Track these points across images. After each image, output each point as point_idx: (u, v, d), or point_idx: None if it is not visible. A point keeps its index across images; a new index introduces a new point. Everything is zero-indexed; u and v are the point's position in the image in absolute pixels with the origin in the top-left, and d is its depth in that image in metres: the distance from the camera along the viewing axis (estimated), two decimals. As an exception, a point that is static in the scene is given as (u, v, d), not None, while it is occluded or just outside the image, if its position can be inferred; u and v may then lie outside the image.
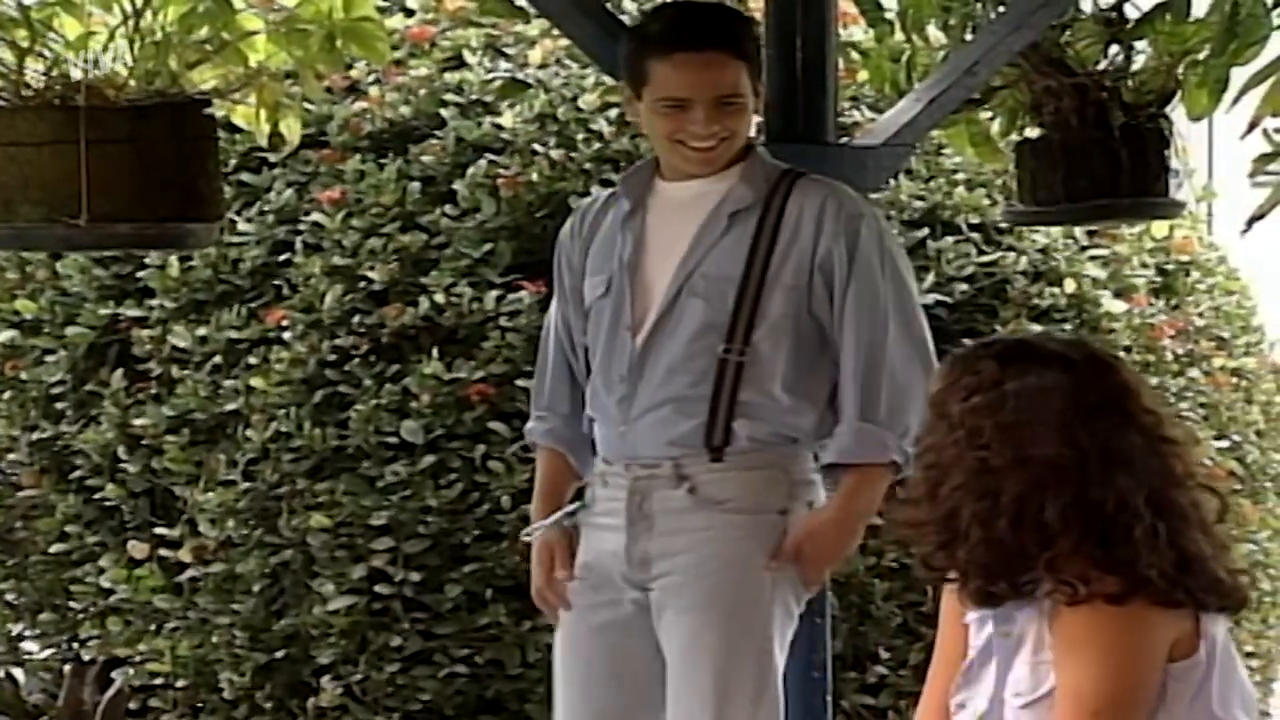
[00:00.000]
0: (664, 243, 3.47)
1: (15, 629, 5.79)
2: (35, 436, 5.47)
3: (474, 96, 5.45)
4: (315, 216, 5.26)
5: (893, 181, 5.30)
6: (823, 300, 3.45)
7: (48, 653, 5.80)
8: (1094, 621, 2.73)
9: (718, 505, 3.44)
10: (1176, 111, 4.69)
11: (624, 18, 4.82)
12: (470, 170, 5.25)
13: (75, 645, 5.63)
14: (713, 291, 3.42)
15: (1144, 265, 5.83)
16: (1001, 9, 4.54)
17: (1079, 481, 2.76)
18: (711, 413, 3.43)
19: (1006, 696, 2.82)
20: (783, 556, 3.43)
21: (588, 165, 5.26)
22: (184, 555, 5.24)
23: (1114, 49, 4.67)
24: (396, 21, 5.60)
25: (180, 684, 5.36)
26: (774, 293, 3.42)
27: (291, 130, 4.07)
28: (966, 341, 5.02)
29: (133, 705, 5.51)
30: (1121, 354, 5.59)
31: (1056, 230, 5.53)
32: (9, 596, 5.72)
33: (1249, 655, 5.87)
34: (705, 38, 3.38)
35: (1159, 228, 5.76)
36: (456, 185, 5.24)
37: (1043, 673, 2.79)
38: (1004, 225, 5.42)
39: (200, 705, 5.38)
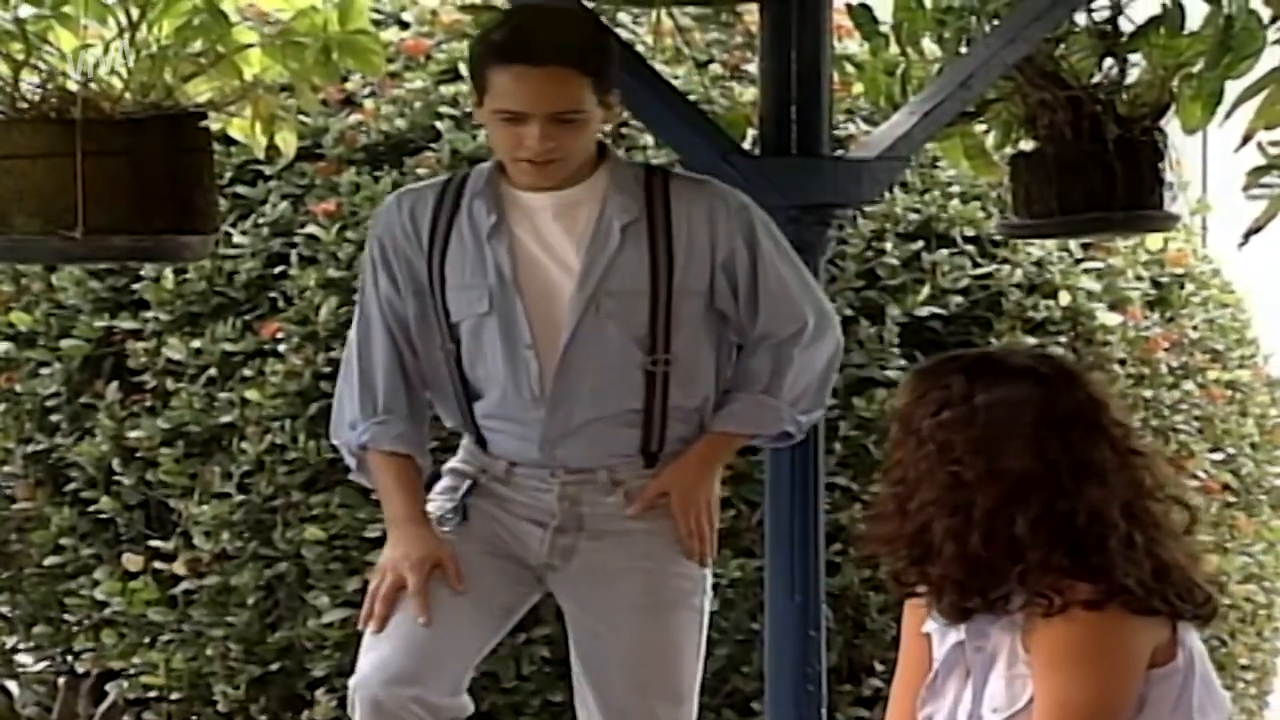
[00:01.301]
0: (544, 257, 3.40)
1: (10, 642, 5.78)
2: (30, 449, 5.47)
3: (469, 109, 5.45)
4: (310, 229, 5.26)
5: (888, 194, 5.31)
6: (725, 294, 3.43)
7: (42, 665, 5.80)
8: (1072, 630, 2.74)
9: (651, 507, 3.44)
10: (1171, 125, 4.70)
11: (618, 30, 4.83)
12: (465, 182, 5.25)
13: (69, 658, 5.63)
14: (623, 308, 3.38)
15: (1138, 278, 5.83)
16: (996, 22, 4.55)
17: (1048, 494, 2.77)
18: (646, 424, 3.43)
19: (984, 712, 2.83)
20: (646, 501, 3.42)
21: (582, 178, 5.26)
22: (178, 568, 5.24)
23: (1108, 62, 4.68)
24: (392, 34, 5.60)
25: (174, 697, 5.36)
26: (683, 299, 3.40)
27: (287, 143, 4.07)
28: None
29: (127, 718, 5.51)
30: (1116, 367, 5.60)
31: (1051, 243, 5.53)
32: (3, 609, 5.72)
33: (1244, 668, 5.87)
34: (545, 51, 3.28)
35: (1153, 240, 5.77)
36: (451, 197, 5.24)
37: (1019, 686, 2.79)
38: (999, 238, 5.43)
39: (194, 718, 5.37)
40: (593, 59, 3.33)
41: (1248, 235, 4.15)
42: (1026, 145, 4.77)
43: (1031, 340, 5.39)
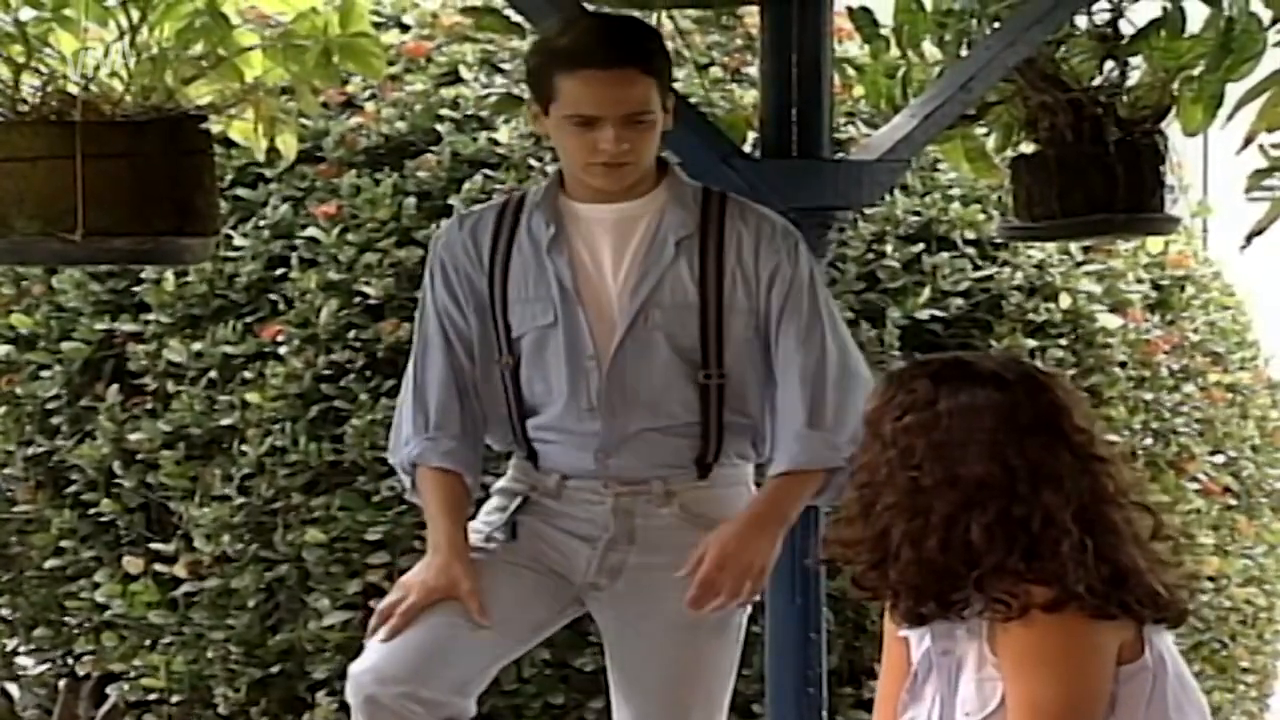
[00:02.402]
0: (598, 268, 3.42)
1: (10, 644, 5.78)
2: (30, 451, 5.47)
3: (470, 112, 5.46)
4: (311, 231, 5.26)
5: (888, 197, 5.31)
6: (764, 315, 3.45)
7: (43, 668, 5.79)
8: (1034, 634, 2.75)
9: (705, 523, 3.44)
10: (1171, 127, 4.70)
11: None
12: (466, 185, 5.25)
13: (70, 660, 5.63)
14: (673, 320, 3.40)
15: (1139, 280, 5.83)
16: (996, 25, 4.55)
17: (1004, 499, 2.78)
18: (704, 436, 3.44)
19: (957, 716, 2.83)
20: (706, 572, 3.34)
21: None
22: (179, 570, 5.24)
23: (1109, 65, 4.68)
24: (392, 37, 5.61)
25: (175, 699, 5.36)
26: (734, 316, 3.42)
27: (287, 145, 4.07)
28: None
29: None
30: (1117, 369, 5.60)
31: (1052, 245, 5.53)
32: (4, 612, 5.72)
33: (1245, 671, 5.87)
34: (615, 54, 3.32)
35: (1154, 243, 5.77)
36: (452, 200, 5.24)
37: (989, 690, 2.80)
38: (999, 240, 5.42)
39: (195, 720, 5.38)
40: (656, 61, 3.38)
41: (1250, 238, 4.16)
42: (1027, 148, 4.77)
43: (1032, 343, 5.40)
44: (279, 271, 5.28)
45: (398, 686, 3.29)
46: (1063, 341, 5.49)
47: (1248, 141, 4.22)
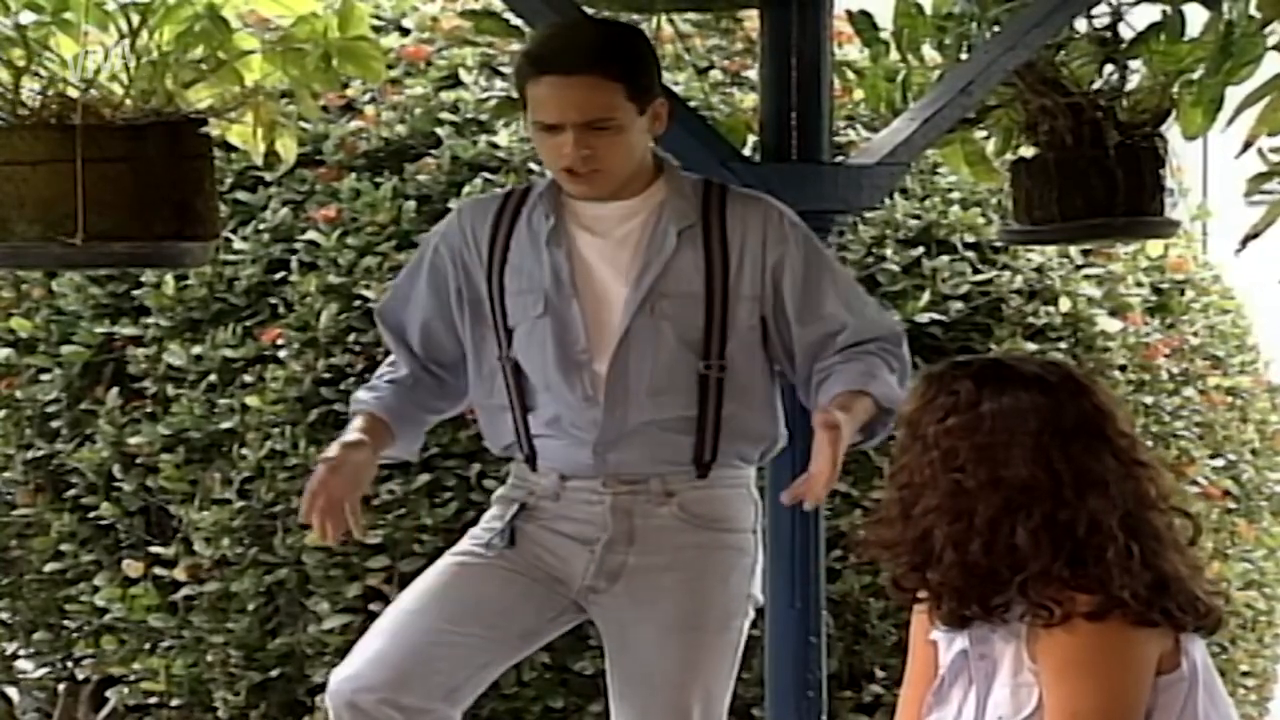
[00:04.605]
0: (601, 263, 3.42)
1: (10, 648, 5.78)
2: (30, 455, 5.47)
3: (469, 115, 5.46)
4: (311, 235, 5.27)
5: (888, 200, 5.31)
6: (771, 302, 3.43)
7: (42, 671, 5.80)
8: (1076, 642, 2.74)
9: (704, 523, 3.44)
10: (1171, 131, 4.70)
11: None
12: (466, 189, 5.25)
13: (70, 664, 5.63)
14: (678, 310, 3.39)
15: (1139, 284, 5.83)
16: (996, 28, 4.55)
17: (1050, 503, 2.77)
18: (700, 430, 3.43)
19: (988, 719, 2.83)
20: (813, 486, 3.18)
21: (583, 184, 5.26)
22: (179, 574, 5.24)
23: (1109, 68, 4.69)
24: (392, 40, 5.61)
25: (175, 703, 5.36)
26: (738, 304, 3.41)
27: (287, 149, 4.07)
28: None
29: (127, 724, 5.51)
30: (1116, 373, 5.60)
31: (1052, 249, 5.54)
32: (3, 615, 5.72)
33: (1245, 674, 5.87)
34: (572, 61, 3.30)
35: (1154, 247, 5.77)
36: (452, 204, 5.24)
37: (1024, 695, 2.79)
38: (999, 244, 5.43)
39: (195, 724, 5.38)
40: (621, 65, 3.33)
41: (1245, 241, 4.16)
42: (1027, 151, 4.77)
43: (1032, 346, 5.40)
44: (279, 275, 5.29)
45: (378, 693, 3.31)
46: (1062, 345, 5.49)
47: (1247, 145, 4.22)
